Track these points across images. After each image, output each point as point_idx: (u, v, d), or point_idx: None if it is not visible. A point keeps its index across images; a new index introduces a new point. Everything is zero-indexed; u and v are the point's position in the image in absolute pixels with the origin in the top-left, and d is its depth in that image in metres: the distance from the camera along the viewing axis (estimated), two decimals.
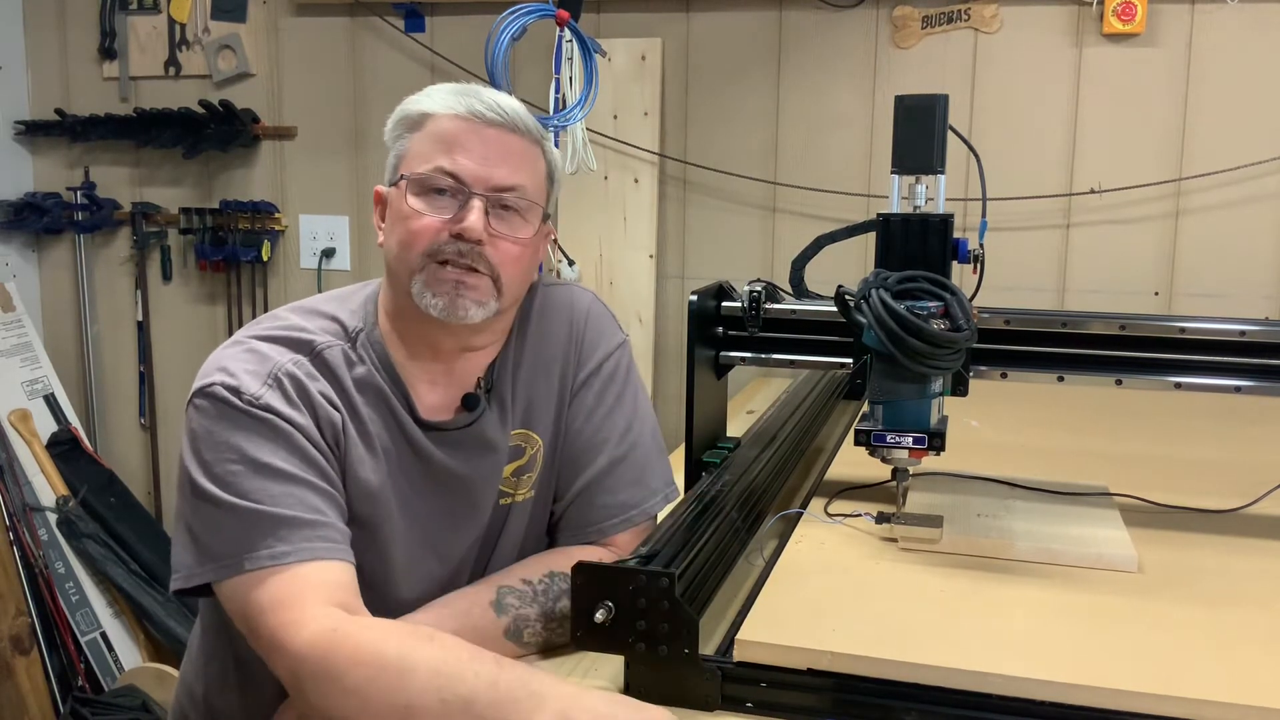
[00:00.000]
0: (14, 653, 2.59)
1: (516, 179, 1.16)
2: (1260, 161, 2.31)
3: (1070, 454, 1.72)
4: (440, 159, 1.14)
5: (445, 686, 0.93)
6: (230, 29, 2.89)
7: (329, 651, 0.97)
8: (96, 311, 3.14)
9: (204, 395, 1.09)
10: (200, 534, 1.06)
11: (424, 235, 1.14)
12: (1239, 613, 1.09)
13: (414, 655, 0.96)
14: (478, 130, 1.15)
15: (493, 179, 1.15)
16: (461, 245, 1.13)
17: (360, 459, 1.15)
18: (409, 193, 1.15)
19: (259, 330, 1.16)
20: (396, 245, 1.17)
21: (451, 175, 1.14)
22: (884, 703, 0.95)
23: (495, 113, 1.16)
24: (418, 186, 1.15)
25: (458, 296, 1.14)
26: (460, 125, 1.15)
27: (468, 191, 1.14)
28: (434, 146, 1.15)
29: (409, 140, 1.18)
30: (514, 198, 1.16)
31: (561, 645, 1.09)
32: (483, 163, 1.14)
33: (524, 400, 1.26)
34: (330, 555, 1.05)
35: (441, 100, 1.17)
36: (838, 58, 2.54)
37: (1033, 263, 2.47)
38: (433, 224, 1.14)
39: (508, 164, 1.16)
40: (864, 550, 1.24)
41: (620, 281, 2.64)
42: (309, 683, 0.98)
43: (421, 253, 1.14)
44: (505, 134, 1.17)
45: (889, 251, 1.24)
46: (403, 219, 1.15)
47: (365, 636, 0.98)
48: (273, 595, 1.01)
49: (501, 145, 1.16)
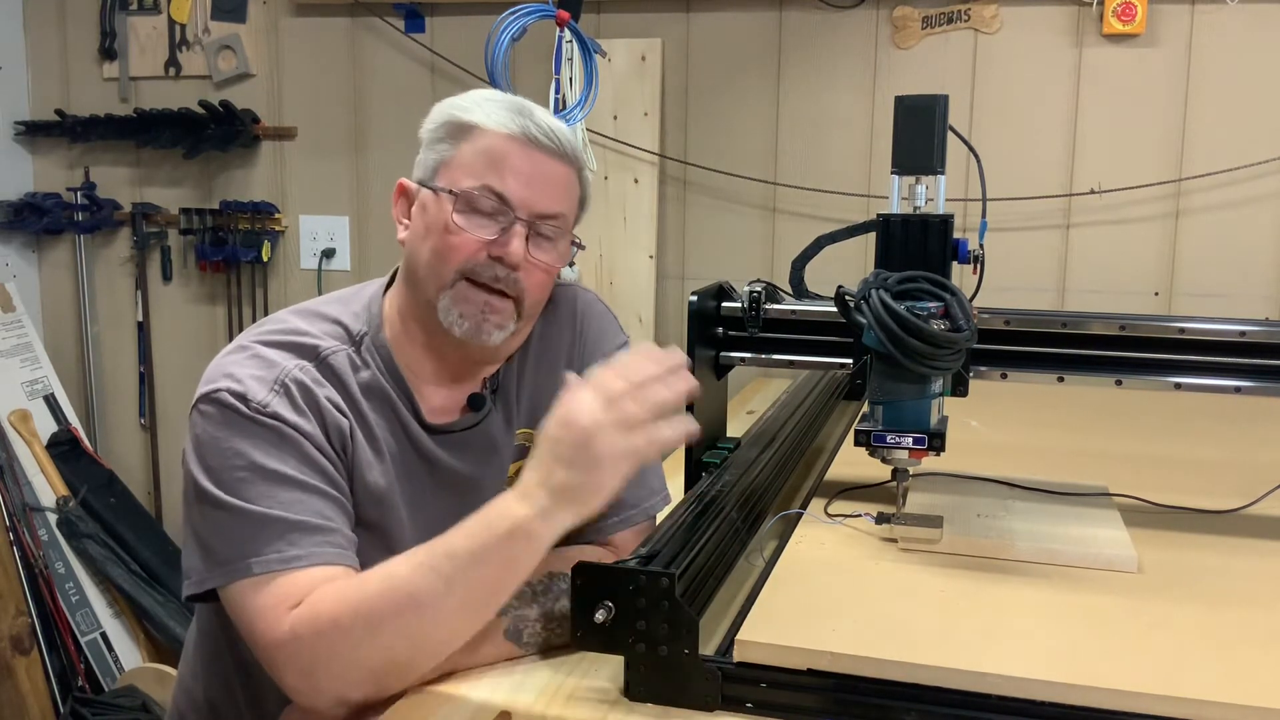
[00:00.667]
0: (14, 653, 2.59)
1: (558, 207, 1.17)
2: (1260, 161, 2.31)
3: (1070, 454, 1.72)
4: (489, 177, 1.14)
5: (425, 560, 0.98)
6: (230, 29, 2.89)
7: (313, 612, 0.99)
8: (96, 312, 3.14)
9: (210, 401, 1.09)
10: (208, 539, 1.06)
11: (461, 252, 1.14)
12: (1239, 613, 1.08)
13: (386, 567, 1.00)
14: (529, 154, 1.15)
15: (537, 206, 1.15)
16: (499, 270, 1.14)
17: (368, 463, 1.15)
18: (455, 209, 1.14)
19: (263, 335, 1.16)
20: (429, 254, 1.16)
21: (499, 196, 1.14)
22: (884, 703, 0.95)
23: (549, 138, 1.15)
24: (463, 203, 1.14)
25: (484, 320, 1.15)
26: (512, 146, 1.14)
27: (512, 216, 1.14)
28: (483, 163, 1.14)
29: (454, 148, 1.16)
30: (552, 227, 1.17)
31: (561, 645, 1.09)
32: (529, 188, 1.14)
33: (529, 400, 1.26)
34: (338, 560, 1.05)
35: (495, 115, 1.15)
36: (838, 58, 2.54)
37: (1033, 263, 2.47)
38: (471, 242, 1.14)
39: (553, 192, 1.16)
40: (864, 550, 1.24)
41: (620, 281, 2.64)
42: (310, 649, 0.99)
43: (455, 269, 1.14)
44: (554, 161, 1.17)
45: (889, 252, 1.24)
46: (441, 231, 1.15)
47: (338, 588, 1.01)
48: (278, 598, 1.01)
49: (549, 172, 1.16)
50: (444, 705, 1.00)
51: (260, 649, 1.03)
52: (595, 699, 1.00)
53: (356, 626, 0.98)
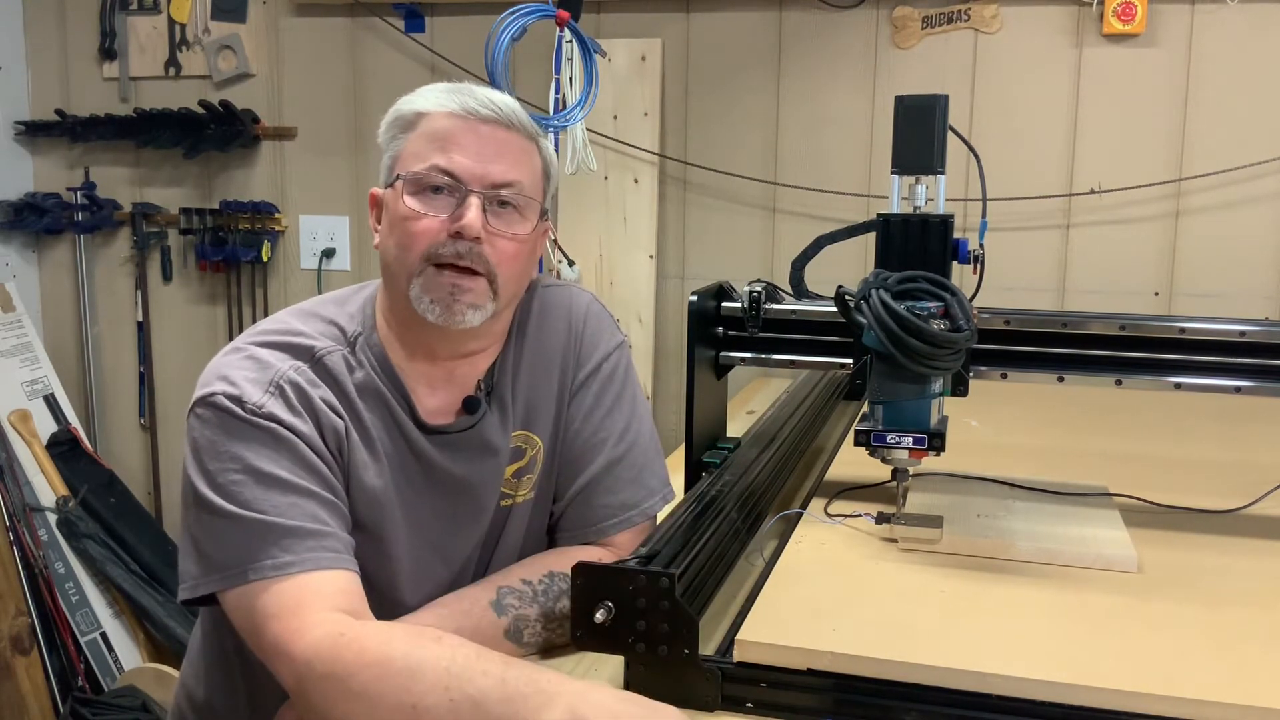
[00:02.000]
0: (14, 653, 2.59)
1: (513, 175, 1.15)
2: (1260, 161, 2.31)
3: (1070, 454, 1.72)
4: (436, 157, 1.13)
5: (453, 686, 0.92)
6: (230, 29, 2.89)
7: (335, 654, 0.96)
8: (96, 312, 3.14)
9: (206, 405, 1.08)
10: (204, 544, 1.06)
11: (422, 237, 1.13)
12: (1239, 613, 1.08)
13: (420, 655, 0.95)
14: (473, 127, 1.14)
15: (489, 175, 1.14)
16: (460, 245, 1.12)
17: (364, 465, 1.15)
18: (405, 193, 1.14)
19: (259, 336, 1.16)
20: (394, 247, 1.16)
21: (447, 173, 1.13)
22: (884, 703, 0.95)
23: (490, 109, 1.15)
24: (413, 186, 1.14)
25: (454, 301, 1.13)
26: (455, 123, 1.14)
27: (464, 189, 1.13)
28: (429, 145, 1.14)
29: (403, 140, 1.17)
30: (511, 194, 1.15)
31: (561, 645, 1.09)
32: (478, 159, 1.13)
33: (524, 401, 1.26)
34: (334, 564, 1.05)
35: (435, 99, 1.16)
36: (838, 58, 2.54)
37: (1033, 263, 2.47)
38: (430, 225, 1.13)
39: (504, 160, 1.15)
40: (864, 550, 1.24)
41: (620, 281, 2.63)
42: (316, 686, 0.97)
43: (420, 255, 1.13)
44: (500, 130, 1.16)
45: (889, 251, 1.24)
46: (400, 220, 1.14)
47: (371, 639, 0.97)
48: (277, 604, 1.01)
49: (497, 141, 1.15)
50: None
51: (263, 653, 1.03)
52: None
53: (355, 697, 0.95)
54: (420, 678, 0.93)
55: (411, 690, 0.93)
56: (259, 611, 1.02)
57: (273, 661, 1.01)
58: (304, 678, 0.98)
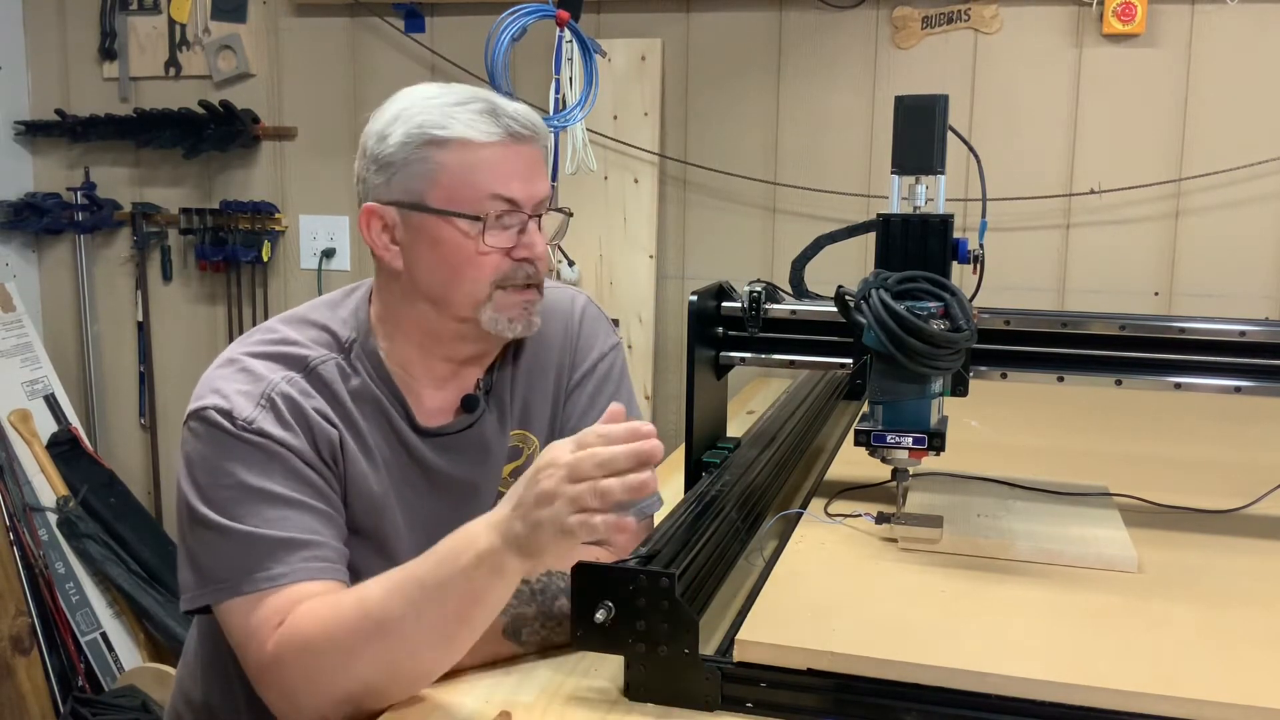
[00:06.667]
0: (14, 653, 2.59)
1: (547, 187, 1.19)
2: (1260, 161, 2.31)
3: (1070, 454, 1.72)
4: (495, 187, 1.13)
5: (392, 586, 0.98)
6: (230, 29, 2.89)
7: (293, 631, 1.00)
8: (96, 311, 3.14)
9: (198, 419, 1.10)
10: (199, 557, 1.07)
11: (490, 268, 1.15)
12: (1239, 613, 1.08)
13: (359, 590, 1.01)
14: (518, 152, 1.15)
15: (536, 195, 1.17)
16: (528, 269, 1.16)
17: (362, 472, 1.15)
18: (487, 229, 1.13)
19: (252, 347, 1.16)
20: (454, 278, 1.15)
21: (510, 202, 1.14)
22: (884, 703, 0.95)
23: (527, 129, 1.16)
24: (485, 224, 1.13)
25: (530, 316, 1.18)
26: (502, 152, 1.14)
27: (524, 216, 1.15)
28: (484, 177, 1.13)
29: (434, 163, 1.13)
30: (547, 205, 1.19)
31: (560, 644, 1.09)
32: (528, 183, 1.16)
33: (521, 401, 1.26)
34: (324, 575, 1.06)
35: (475, 124, 1.13)
36: (838, 58, 2.54)
37: (1033, 263, 2.47)
38: (498, 255, 1.15)
39: (540, 176, 1.18)
40: (864, 550, 1.24)
41: (620, 281, 2.63)
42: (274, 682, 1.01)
43: (489, 283, 1.15)
44: (534, 148, 1.18)
45: (889, 251, 1.24)
46: (468, 255, 1.14)
47: (314, 606, 1.01)
48: (263, 617, 1.03)
49: (534, 160, 1.18)
50: (444, 705, 1.00)
51: (248, 668, 1.05)
52: (595, 699, 1.00)
53: (331, 651, 0.99)
54: (370, 600, 0.99)
55: (369, 613, 0.98)
56: (250, 625, 1.03)
57: (256, 677, 1.04)
58: (280, 674, 1.01)
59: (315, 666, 0.99)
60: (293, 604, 1.03)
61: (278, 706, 1.03)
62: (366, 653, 0.97)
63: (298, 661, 1.00)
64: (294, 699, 1.01)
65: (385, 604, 0.98)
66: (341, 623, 0.99)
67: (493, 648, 1.06)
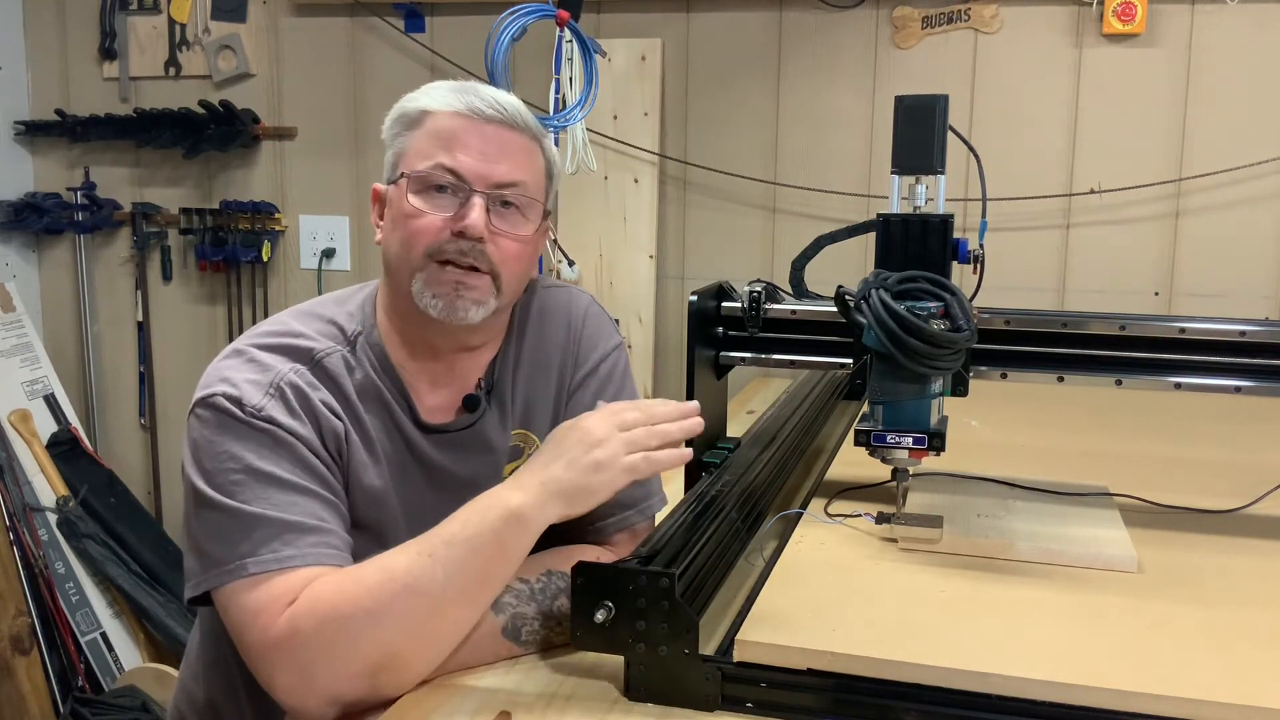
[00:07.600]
0: (14, 653, 2.59)
1: (517, 175, 1.16)
2: (1260, 161, 2.31)
3: (1070, 454, 1.72)
4: (440, 156, 1.14)
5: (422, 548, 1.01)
6: (230, 29, 2.89)
7: (313, 603, 0.99)
8: (96, 311, 3.14)
9: (206, 405, 1.09)
10: (204, 541, 1.06)
11: (425, 234, 1.14)
12: (1239, 613, 1.08)
13: (383, 559, 1.02)
14: (477, 127, 1.15)
15: (493, 176, 1.15)
16: (463, 244, 1.13)
17: (364, 465, 1.15)
18: (409, 191, 1.14)
19: (259, 339, 1.16)
20: (397, 244, 1.16)
21: (452, 172, 1.14)
22: (884, 703, 0.95)
23: (494, 109, 1.16)
24: (418, 184, 1.14)
25: (457, 298, 1.14)
26: (460, 122, 1.15)
27: (468, 189, 1.14)
28: (434, 144, 1.15)
29: (408, 138, 1.17)
30: (515, 194, 1.16)
31: (560, 644, 1.09)
32: (483, 159, 1.14)
33: (523, 400, 1.26)
34: (332, 561, 1.05)
35: (440, 97, 1.17)
36: (838, 58, 2.54)
37: (1033, 263, 2.47)
38: (434, 223, 1.14)
39: (508, 160, 1.16)
40: (864, 550, 1.24)
41: (620, 281, 2.63)
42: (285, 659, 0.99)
43: (422, 252, 1.14)
44: (505, 130, 1.17)
45: (889, 251, 1.24)
46: (403, 218, 1.15)
47: (336, 576, 1.02)
48: (272, 597, 1.01)
49: (501, 142, 1.16)
50: (443, 705, 1.00)
51: (254, 649, 1.01)
52: (595, 699, 1.00)
53: (357, 616, 0.97)
54: (395, 566, 1.00)
55: (396, 577, 0.99)
56: (254, 606, 1.01)
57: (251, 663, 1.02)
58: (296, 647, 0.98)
59: (336, 636, 0.97)
60: (305, 584, 1.01)
61: (288, 685, 1.00)
62: (393, 612, 0.97)
63: (317, 633, 0.98)
64: (309, 674, 0.98)
65: (412, 566, 1.00)
66: (368, 588, 0.99)
67: (493, 648, 1.06)
